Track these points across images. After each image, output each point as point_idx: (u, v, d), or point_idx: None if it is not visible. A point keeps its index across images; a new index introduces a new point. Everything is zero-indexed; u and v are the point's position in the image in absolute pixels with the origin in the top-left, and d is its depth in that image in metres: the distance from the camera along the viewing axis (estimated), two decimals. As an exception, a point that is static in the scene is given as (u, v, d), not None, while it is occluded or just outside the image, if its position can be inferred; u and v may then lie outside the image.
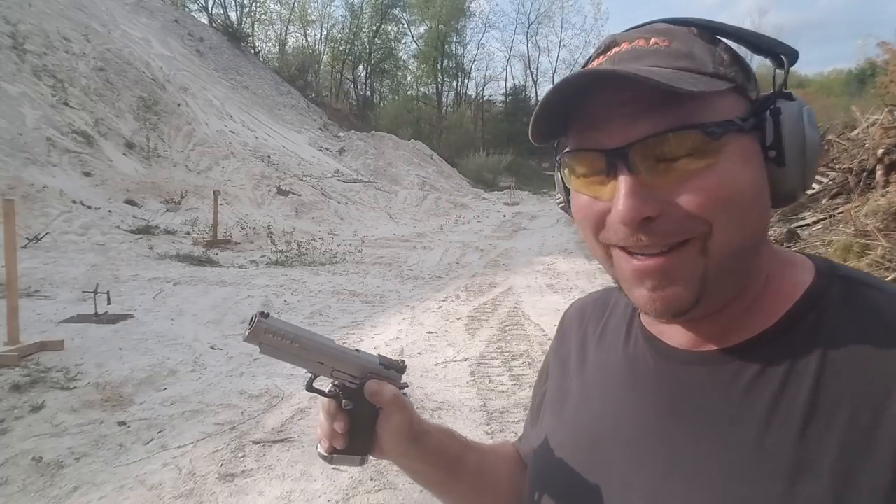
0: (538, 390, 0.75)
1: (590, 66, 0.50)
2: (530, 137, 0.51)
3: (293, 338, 0.62)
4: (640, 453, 0.52)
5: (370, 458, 0.69)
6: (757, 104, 0.48)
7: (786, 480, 0.43)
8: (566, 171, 0.52)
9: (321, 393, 0.66)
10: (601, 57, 0.50)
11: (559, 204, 0.62)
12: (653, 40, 0.48)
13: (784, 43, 0.48)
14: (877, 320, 0.46)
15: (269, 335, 0.61)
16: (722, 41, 0.49)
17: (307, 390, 0.66)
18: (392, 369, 0.68)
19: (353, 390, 0.65)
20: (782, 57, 0.48)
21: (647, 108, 0.45)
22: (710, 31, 0.49)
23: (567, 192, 0.56)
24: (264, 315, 0.62)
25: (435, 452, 0.68)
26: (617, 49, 0.49)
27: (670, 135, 0.44)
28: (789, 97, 0.48)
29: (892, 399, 0.42)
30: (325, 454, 0.68)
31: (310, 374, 0.65)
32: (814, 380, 0.45)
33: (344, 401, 0.65)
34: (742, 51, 0.51)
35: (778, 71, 0.49)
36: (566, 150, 0.51)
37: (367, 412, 0.66)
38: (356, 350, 0.67)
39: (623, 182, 0.46)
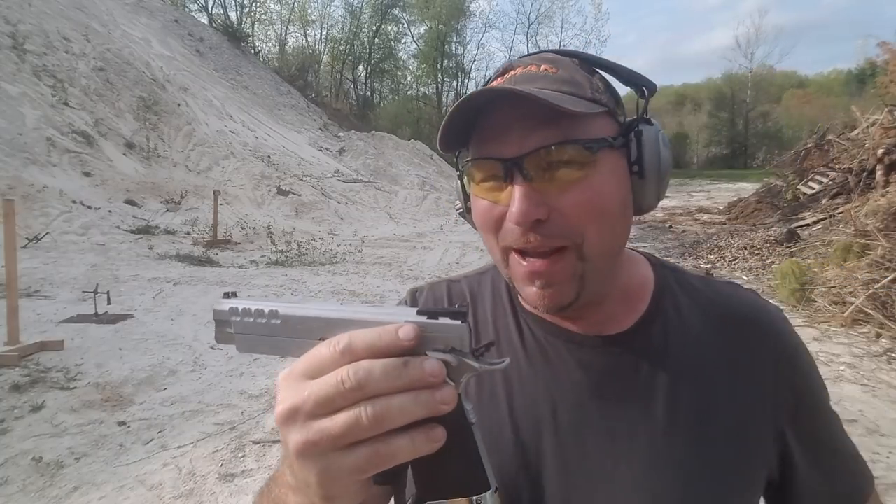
0: None
1: (489, 85, 0.56)
2: (439, 146, 0.56)
3: (270, 315, 0.42)
4: (578, 438, 0.57)
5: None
6: (624, 126, 0.56)
7: (696, 427, 0.56)
8: (467, 178, 0.58)
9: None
10: (500, 78, 0.56)
11: (458, 210, 0.66)
12: (543, 66, 0.54)
13: (645, 77, 0.57)
14: (699, 298, 0.62)
15: (237, 320, 0.42)
16: (597, 72, 0.57)
17: None
18: (439, 317, 0.37)
19: None
20: (644, 89, 0.56)
21: (538, 124, 0.51)
22: (588, 63, 0.56)
23: (467, 198, 0.62)
24: (228, 295, 0.44)
25: None
26: (513, 72, 0.55)
27: (556, 148, 0.51)
28: (649, 122, 0.56)
29: (750, 348, 0.59)
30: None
31: None
32: (690, 349, 0.59)
33: None
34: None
35: (640, 100, 0.57)
36: (468, 159, 0.57)
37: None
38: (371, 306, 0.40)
39: (518, 188, 0.52)
